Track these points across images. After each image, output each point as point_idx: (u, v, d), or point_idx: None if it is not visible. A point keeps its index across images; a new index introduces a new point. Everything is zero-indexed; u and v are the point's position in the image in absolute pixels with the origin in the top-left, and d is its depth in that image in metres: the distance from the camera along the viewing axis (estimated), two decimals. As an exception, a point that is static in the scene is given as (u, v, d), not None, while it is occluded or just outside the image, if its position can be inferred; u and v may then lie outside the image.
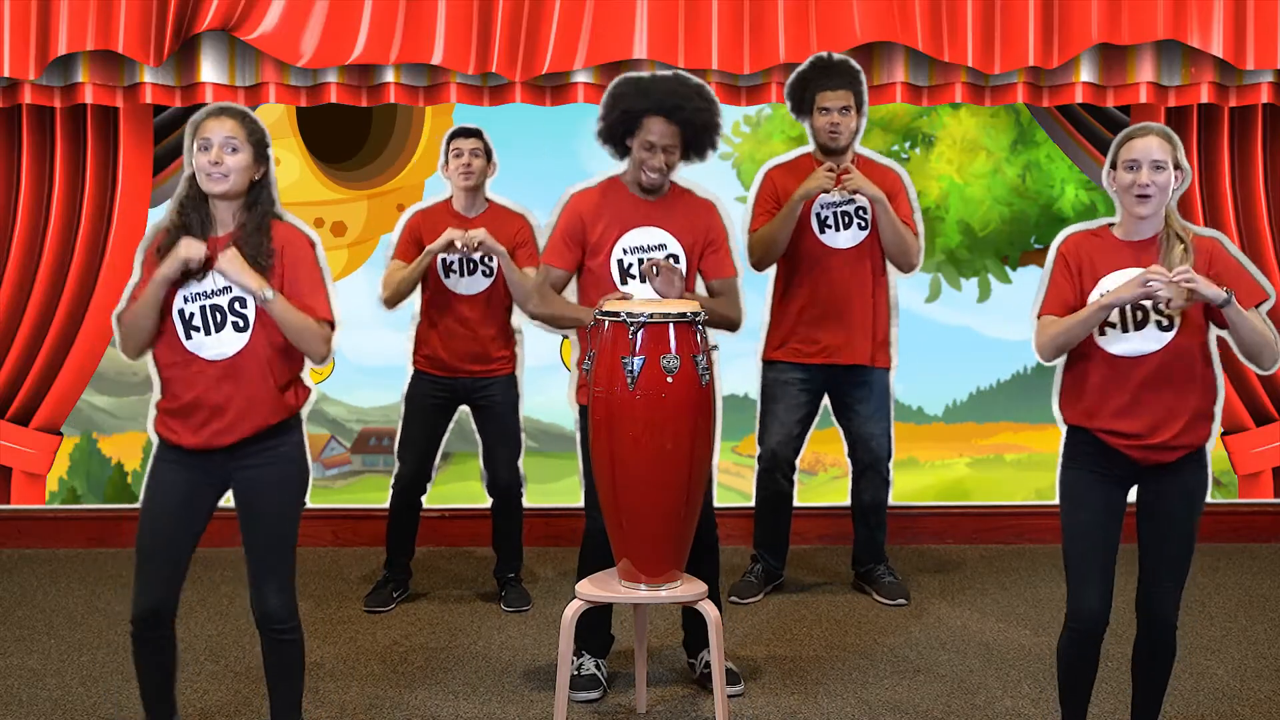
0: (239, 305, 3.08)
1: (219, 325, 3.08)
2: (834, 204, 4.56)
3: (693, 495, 3.43)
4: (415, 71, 5.21)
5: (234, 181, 3.09)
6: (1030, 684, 3.94)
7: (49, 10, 5.04)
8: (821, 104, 4.52)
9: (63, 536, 5.48)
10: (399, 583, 4.75)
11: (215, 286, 3.07)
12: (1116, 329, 3.07)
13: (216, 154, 3.07)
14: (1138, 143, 3.04)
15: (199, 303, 3.07)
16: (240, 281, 3.02)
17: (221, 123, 3.11)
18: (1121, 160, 3.06)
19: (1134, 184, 3.02)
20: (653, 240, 3.76)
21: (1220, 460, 5.65)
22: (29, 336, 5.41)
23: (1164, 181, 3.03)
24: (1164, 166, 3.02)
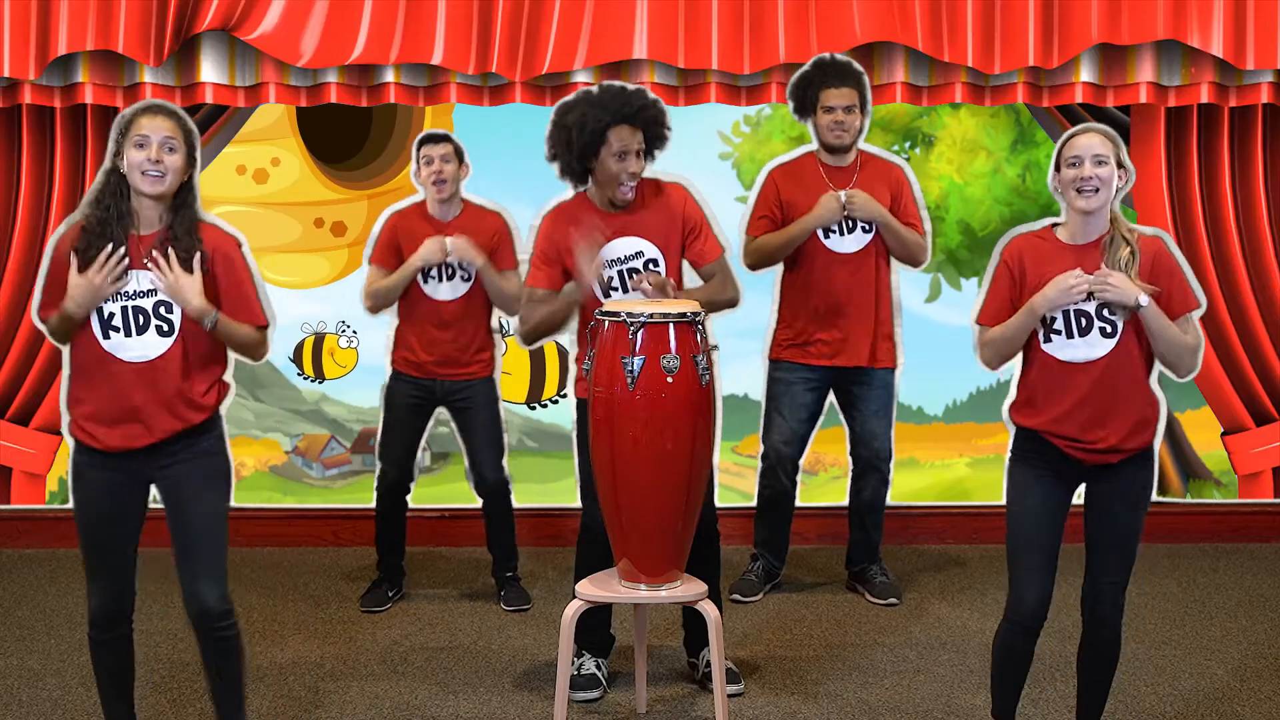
0: (164, 310, 3.04)
1: (140, 328, 3.04)
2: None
3: (693, 495, 3.43)
4: (415, 71, 5.21)
5: (170, 182, 3.03)
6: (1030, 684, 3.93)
7: (49, 10, 5.03)
8: (826, 103, 4.52)
9: (63, 536, 5.45)
10: (393, 582, 4.76)
11: (139, 288, 3.03)
12: (1061, 335, 3.10)
13: (155, 153, 3.00)
14: (1080, 140, 3.08)
15: (120, 303, 3.03)
16: (187, 303, 2.99)
17: (159, 121, 3.04)
18: (1064, 158, 3.08)
19: (1076, 178, 3.04)
20: (629, 250, 3.75)
21: (1220, 460, 5.65)
22: (29, 336, 5.41)
23: (1106, 175, 3.05)
24: (1105, 161, 3.05)
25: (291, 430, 5.60)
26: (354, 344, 5.52)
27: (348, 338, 5.52)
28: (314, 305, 5.55)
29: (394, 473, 4.65)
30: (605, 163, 3.68)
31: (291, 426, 5.59)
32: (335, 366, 5.51)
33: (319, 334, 5.55)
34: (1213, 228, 5.51)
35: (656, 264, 3.76)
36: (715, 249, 3.84)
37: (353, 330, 5.51)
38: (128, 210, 3.04)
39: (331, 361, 5.53)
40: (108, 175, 3.07)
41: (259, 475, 5.57)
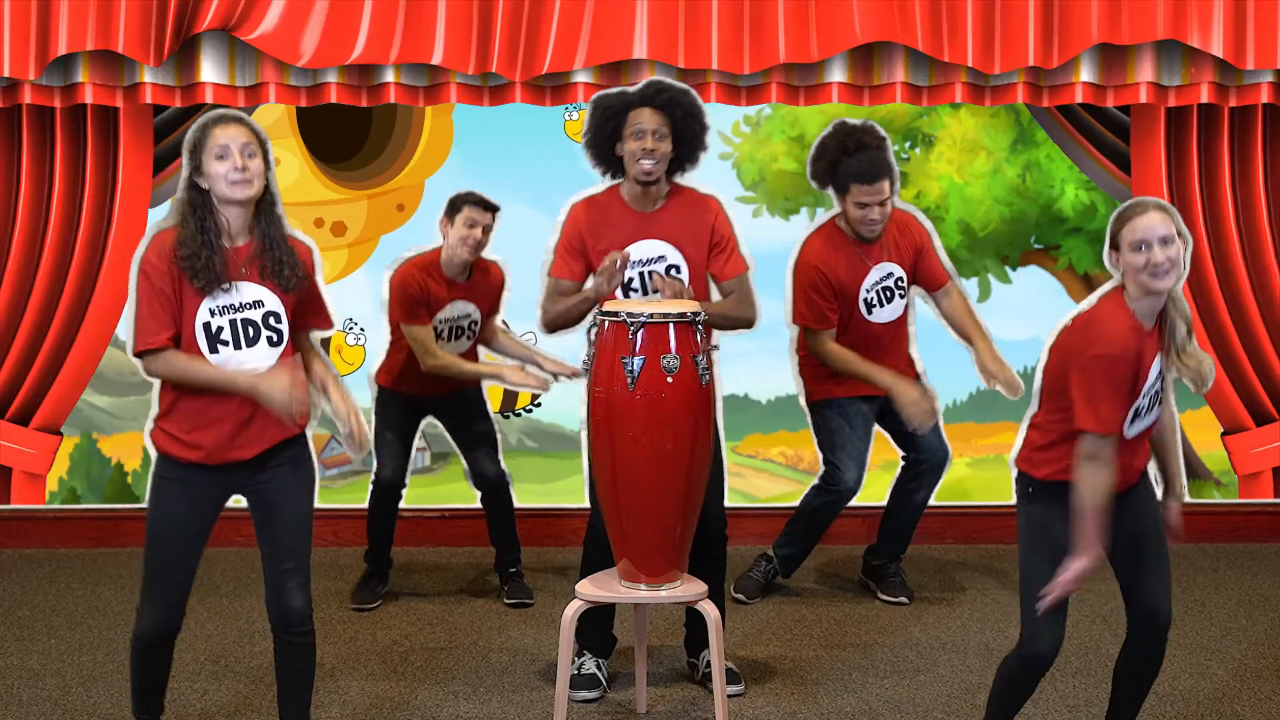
0: (274, 320, 3.04)
1: (251, 340, 3.02)
2: (876, 284, 4.60)
3: (692, 495, 3.43)
4: (415, 71, 5.21)
5: (257, 186, 3.03)
6: (1030, 684, 3.94)
7: (49, 10, 5.03)
8: (859, 199, 4.46)
9: (63, 536, 5.48)
10: (382, 577, 4.78)
11: (244, 300, 3.02)
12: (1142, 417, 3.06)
13: (240, 160, 3.00)
14: (1139, 222, 2.95)
15: (227, 316, 3.01)
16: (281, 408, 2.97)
17: (235, 129, 3.04)
18: (1127, 241, 2.96)
19: (1149, 263, 2.93)
20: (652, 253, 3.76)
21: (1220, 460, 5.65)
22: (29, 336, 5.41)
23: (1176, 254, 2.95)
24: (1172, 240, 2.94)
25: (291, 430, 5.59)
26: (361, 341, 5.52)
27: (355, 335, 5.52)
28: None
29: (390, 478, 4.67)
30: (626, 143, 3.72)
31: (291, 426, 5.59)
32: (343, 364, 5.50)
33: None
34: (1213, 228, 5.51)
35: (678, 270, 3.77)
36: (739, 266, 3.86)
37: (360, 328, 5.51)
38: (217, 225, 3.02)
39: (339, 359, 5.53)
40: (189, 193, 3.02)
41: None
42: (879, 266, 4.58)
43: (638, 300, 3.63)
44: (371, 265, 5.51)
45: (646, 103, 3.73)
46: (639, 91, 3.78)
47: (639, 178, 3.74)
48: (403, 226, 5.50)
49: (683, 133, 3.76)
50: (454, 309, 4.59)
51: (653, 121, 3.71)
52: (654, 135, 3.70)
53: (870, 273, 4.57)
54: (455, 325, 4.61)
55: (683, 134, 3.76)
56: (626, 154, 3.74)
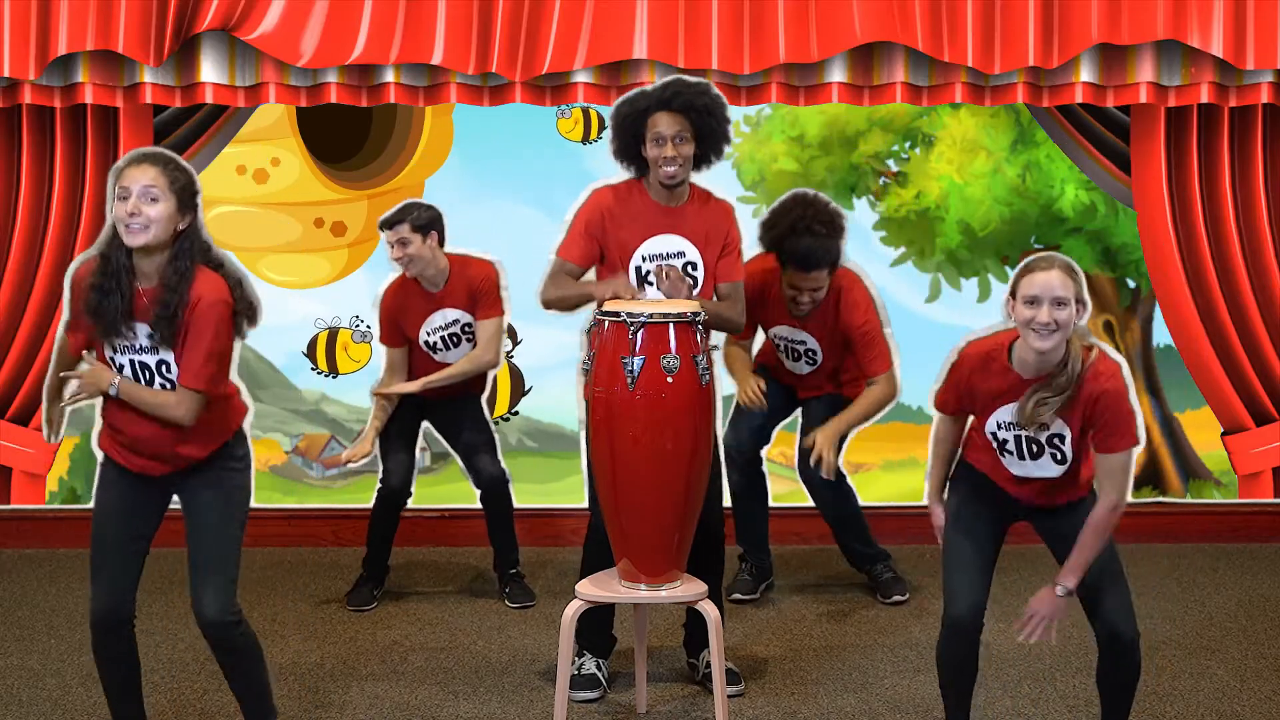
0: (165, 369, 3.03)
1: (147, 382, 3.05)
2: (786, 339, 4.58)
3: (692, 495, 3.43)
4: (415, 71, 5.21)
5: (154, 233, 2.96)
6: (1030, 684, 3.94)
7: (49, 10, 5.03)
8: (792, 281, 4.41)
9: (63, 536, 5.47)
10: (378, 580, 4.78)
11: (142, 343, 3.02)
12: (1013, 455, 3.15)
13: (134, 204, 2.94)
14: (1038, 277, 2.98)
15: (127, 356, 3.04)
16: (90, 388, 3.04)
17: (141, 171, 2.97)
18: (1022, 293, 3.00)
19: (1033, 320, 2.97)
20: (672, 248, 3.77)
21: (1220, 460, 5.65)
22: (29, 336, 5.41)
23: (1065, 319, 2.97)
24: (1066, 303, 2.97)
25: (291, 430, 5.60)
26: (367, 339, 5.52)
27: (361, 333, 5.52)
28: (314, 305, 5.55)
29: (398, 483, 4.67)
30: (648, 148, 3.73)
31: (291, 426, 5.59)
32: (349, 361, 5.51)
33: (332, 329, 5.55)
34: (1213, 228, 5.51)
35: (695, 267, 3.77)
36: (739, 272, 3.87)
37: (366, 325, 5.51)
38: (129, 265, 2.99)
39: (345, 356, 5.53)
40: (111, 229, 3.02)
41: (259, 475, 5.57)
42: (794, 330, 4.55)
43: (638, 300, 3.63)
44: (371, 265, 5.51)
45: (664, 107, 3.72)
46: (656, 94, 3.76)
47: (663, 180, 3.75)
48: (403, 226, 5.50)
49: (703, 131, 3.76)
50: (438, 319, 4.59)
51: (671, 126, 3.70)
52: (674, 140, 3.70)
53: (784, 327, 4.56)
54: (448, 334, 4.61)
55: (703, 132, 3.76)
56: (649, 159, 3.75)
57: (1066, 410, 3.05)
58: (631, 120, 3.75)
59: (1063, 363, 3.03)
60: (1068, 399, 3.03)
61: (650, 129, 3.72)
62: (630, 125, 3.76)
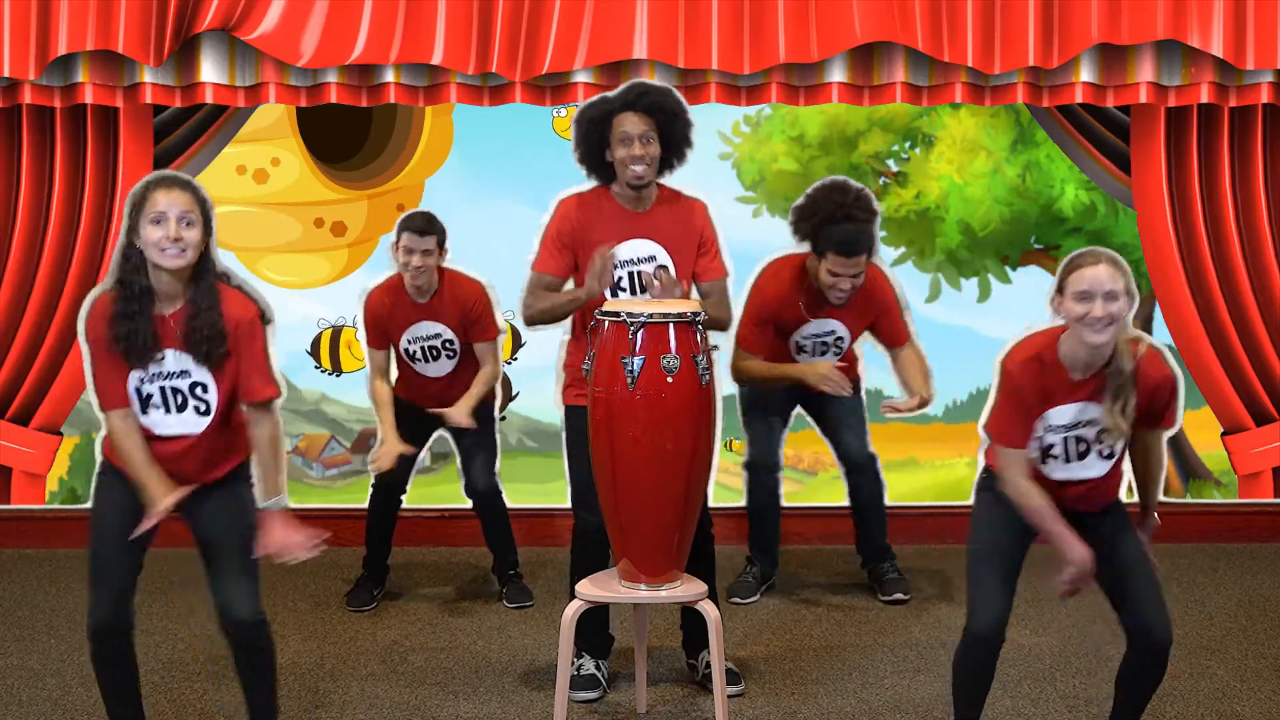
0: (200, 391, 3.03)
1: (179, 407, 3.04)
2: (813, 335, 4.60)
3: (692, 495, 3.43)
4: (415, 71, 5.21)
5: (190, 256, 2.97)
6: (1030, 684, 3.94)
7: (49, 10, 5.03)
8: (832, 268, 4.43)
9: (63, 536, 5.47)
10: (378, 580, 4.78)
11: (174, 368, 3.01)
12: (1059, 459, 3.10)
13: (174, 229, 2.94)
14: (1088, 273, 2.96)
15: (156, 384, 3.02)
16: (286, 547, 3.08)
17: (174, 195, 2.98)
18: (1072, 290, 2.97)
19: (1087, 315, 2.95)
20: (643, 253, 3.77)
21: (1220, 460, 5.65)
22: (29, 336, 5.41)
23: (1118, 311, 2.95)
24: (1117, 296, 2.95)
25: (291, 430, 5.60)
26: None
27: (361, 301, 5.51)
28: (314, 305, 5.55)
29: (392, 476, 4.66)
30: (614, 149, 3.72)
31: (291, 426, 5.59)
32: (353, 360, 5.51)
33: (336, 327, 5.55)
34: (1213, 228, 5.51)
35: (666, 270, 3.77)
36: (721, 270, 3.88)
37: None
38: (149, 289, 2.99)
39: (349, 355, 5.53)
40: (125, 253, 3.00)
41: (259, 475, 5.57)
42: (821, 321, 4.58)
43: (638, 300, 3.63)
44: (371, 265, 5.52)
45: (629, 107, 3.72)
46: (621, 96, 3.77)
47: (631, 182, 3.75)
48: (403, 226, 5.50)
49: (669, 133, 3.76)
50: (419, 329, 4.59)
51: (638, 126, 3.71)
52: (641, 140, 3.70)
53: (810, 324, 4.58)
54: (428, 345, 4.61)
55: (669, 135, 3.76)
56: (616, 160, 3.74)
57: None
58: (598, 122, 3.74)
59: (1111, 357, 3.01)
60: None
61: (616, 129, 3.71)
62: (596, 127, 3.74)
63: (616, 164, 3.74)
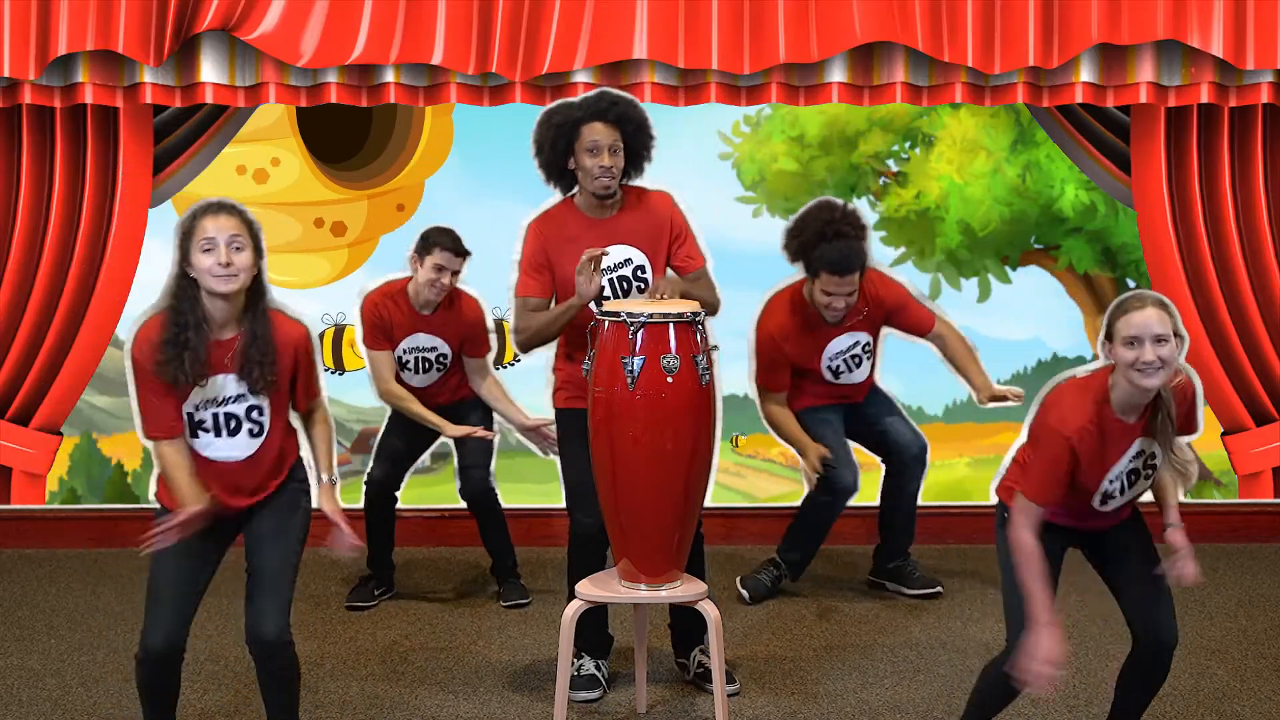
0: (256, 414, 3.05)
1: (233, 431, 3.05)
2: (840, 353, 4.64)
3: (692, 495, 3.43)
4: (415, 71, 5.21)
5: (242, 280, 2.99)
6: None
7: (49, 10, 5.03)
8: (826, 287, 4.45)
9: (63, 536, 5.47)
10: (381, 579, 4.78)
11: (226, 394, 3.03)
12: (1116, 499, 3.10)
13: (225, 254, 2.96)
14: (1135, 317, 2.93)
15: (210, 410, 3.03)
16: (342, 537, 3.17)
17: (222, 221, 2.99)
18: (1121, 335, 2.94)
19: (1138, 360, 2.92)
20: (618, 258, 3.77)
21: (1220, 460, 5.65)
22: (29, 336, 5.41)
23: (1169, 354, 2.93)
24: (1166, 339, 2.93)
25: (291, 430, 5.59)
26: None
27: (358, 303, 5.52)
28: (314, 305, 5.55)
29: (383, 475, 4.69)
30: (580, 158, 3.71)
31: (291, 426, 5.59)
32: (356, 358, 5.50)
33: (339, 326, 5.55)
34: (1213, 228, 5.51)
35: (644, 270, 3.78)
36: (699, 258, 3.88)
37: None
38: (203, 316, 3.00)
39: (352, 353, 5.53)
40: (178, 281, 3.00)
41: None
42: (843, 337, 4.61)
43: (638, 300, 3.63)
44: (371, 265, 5.52)
45: (599, 117, 3.72)
46: (590, 104, 3.76)
47: (597, 192, 3.74)
48: (403, 226, 5.50)
49: (632, 145, 3.78)
50: (418, 340, 4.61)
51: (607, 136, 3.71)
52: (609, 150, 3.70)
53: (833, 342, 4.61)
54: (421, 357, 4.63)
55: (632, 147, 3.78)
56: (582, 169, 3.73)
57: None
58: (565, 130, 3.73)
59: (1158, 395, 3.00)
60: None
61: (585, 138, 3.70)
62: (563, 134, 3.74)
63: (582, 172, 3.73)
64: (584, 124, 3.71)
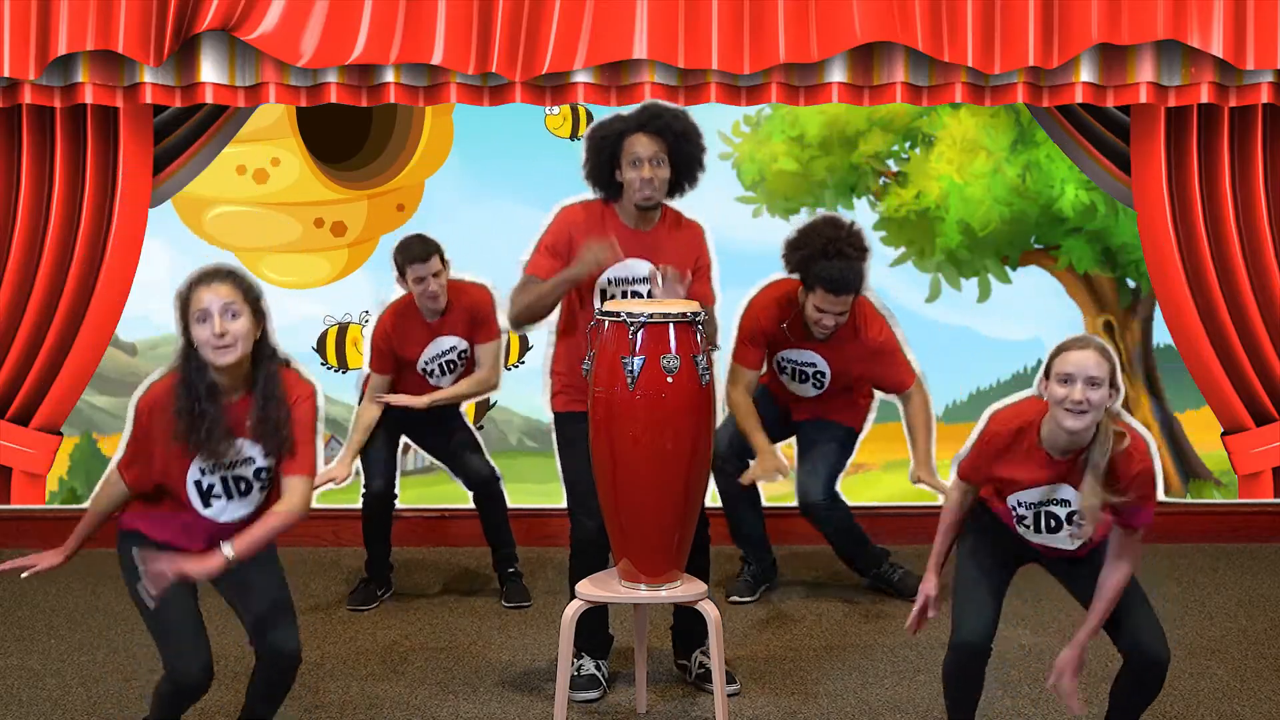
0: (264, 474, 3.04)
1: (243, 493, 3.04)
2: (795, 362, 4.61)
3: (692, 495, 3.43)
4: (415, 71, 5.21)
5: (241, 349, 2.96)
6: (1030, 684, 3.94)
7: (49, 10, 5.03)
8: (819, 304, 4.41)
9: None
10: (382, 581, 4.78)
11: (248, 456, 3.02)
12: (1030, 529, 3.17)
13: (219, 325, 2.92)
14: (1073, 355, 2.99)
15: (219, 474, 3.01)
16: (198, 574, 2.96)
17: (216, 289, 2.95)
18: (1056, 371, 3.00)
19: (1066, 399, 2.97)
20: (639, 273, 3.78)
21: (1220, 460, 5.65)
22: (29, 336, 5.41)
23: (1098, 399, 2.97)
24: (1100, 384, 2.97)
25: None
26: None
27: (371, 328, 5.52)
28: (314, 305, 5.55)
29: (380, 485, 4.71)
30: (624, 170, 3.74)
31: (291, 426, 5.59)
32: (359, 357, 5.52)
33: (342, 324, 5.55)
34: (1213, 228, 5.51)
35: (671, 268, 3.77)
36: (710, 296, 3.90)
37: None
38: (212, 384, 2.97)
39: (355, 351, 5.54)
40: (184, 350, 2.99)
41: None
42: (804, 352, 4.57)
43: (638, 300, 3.63)
44: (371, 265, 5.52)
45: (641, 129, 3.74)
46: (634, 118, 3.78)
47: (639, 203, 3.76)
48: (403, 226, 5.49)
49: (679, 157, 3.78)
50: (438, 345, 4.63)
51: (649, 148, 3.72)
52: (651, 162, 3.72)
53: (793, 350, 4.58)
54: (446, 361, 4.65)
55: (679, 158, 3.78)
56: (625, 181, 3.75)
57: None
58: (609, 142, 3.76)
59: (1092, 441, 3.02)
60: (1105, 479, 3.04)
61: (627, 151, 3.73)
62: (607, 147, 3.76)
63: (625, 184, 3.75)
64: (627, 136, 3.74)
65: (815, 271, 4.39)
